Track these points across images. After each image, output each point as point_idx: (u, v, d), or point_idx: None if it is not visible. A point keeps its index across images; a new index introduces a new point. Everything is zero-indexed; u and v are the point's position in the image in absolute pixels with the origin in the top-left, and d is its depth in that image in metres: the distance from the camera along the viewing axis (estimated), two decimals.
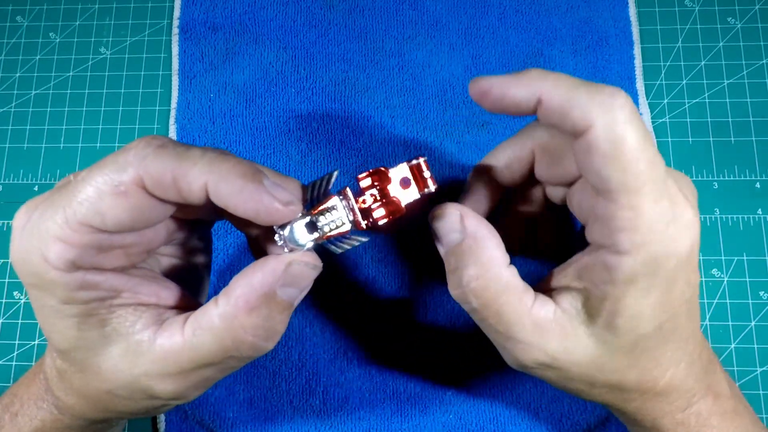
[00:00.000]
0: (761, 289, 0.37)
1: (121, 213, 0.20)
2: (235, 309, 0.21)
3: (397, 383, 0.35)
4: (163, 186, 0.20)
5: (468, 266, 0.23)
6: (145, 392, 0.22)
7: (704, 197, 0.38)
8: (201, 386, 0.23)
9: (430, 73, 0.39)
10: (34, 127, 0.41)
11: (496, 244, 0.23)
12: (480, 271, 0.22)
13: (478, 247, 0.23)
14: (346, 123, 0.38)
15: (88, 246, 0.20)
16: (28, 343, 0.37)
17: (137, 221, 0.21)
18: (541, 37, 0.40)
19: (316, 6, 0.41)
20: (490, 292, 0.22)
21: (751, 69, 0.40)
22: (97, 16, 0.43)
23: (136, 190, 0.20)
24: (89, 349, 0.21)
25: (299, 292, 0.22)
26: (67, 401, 0.24)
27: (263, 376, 0.35)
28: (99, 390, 0.22)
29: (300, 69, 0.40)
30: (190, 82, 0.40)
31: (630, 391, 0.24)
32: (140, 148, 0.20)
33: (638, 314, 0.21)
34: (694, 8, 0.41)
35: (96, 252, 0.21)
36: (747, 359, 0.36)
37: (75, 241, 0.20)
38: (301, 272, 0.22)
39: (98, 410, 0.24)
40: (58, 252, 0.20)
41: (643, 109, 0.39)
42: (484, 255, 0.22)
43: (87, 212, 0.20)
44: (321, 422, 0.35)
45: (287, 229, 0.22)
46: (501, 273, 0.22)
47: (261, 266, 0.22)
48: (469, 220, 0.23)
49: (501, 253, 0.23)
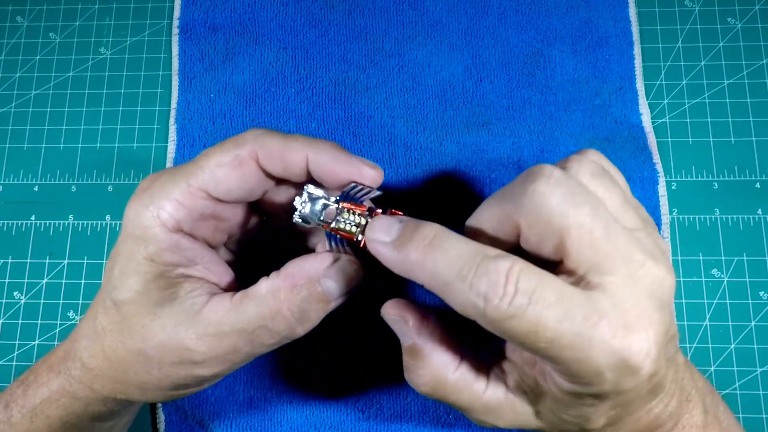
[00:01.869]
0: (761, 289, 0.37)
1: (233, 182, 0.24)
2: (281, 283, 0.23)
3: (397, 383, 0.35)
4: (272, 158, 0.24)
5: (417, 369, 0.24)
6: (177, 352, 0.23)
7: (704, 197, 0.38)
8: (228, 359, 0.24)
9: (430, 73, 0.39)
10: (34, 127, 0.41)
11: (445, 349, 0.24)
12: (428, 377, 0.24)
13: (424, 354, 0.24)
14: (346, 123, 0.38)
15: (196, 211, 0.24)
16: (28, 343, 0.37)
17: (243, 190, 0.24)
18: (541, 37, 0.40)
19: (316, 6, 0.41)
20: (440, 393, 0.24)
21: (751, 69, 0.40)
22: (97, 16, 0.43)
23: (250, 162, 0.24)
24: (143, 306, 0.23)
25: (338, 290, 0.24)
26: (88, 363, 0.25)
27: (263, 376, 0.35)
28: (130, 349, 0.24)
29: (300, 69, 0.40)
30: (190, 83, 0.40)
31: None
32: (255, 131, 0.24)
33: (585, 416, 0.22)
34: (694, 8, 0.41)
35: (198, 219, 0.24)
36: (747, 359, 0.36)
37: (189, 203, 0.23)
38: (344, 269, 0.24)
39: (116, 377, 0.24)
40: (172, 211, 0.23)
41: (643, 109, 0.39)
42: (431, 361, 0.24)
43: (207, 178, 0.23)
44: (321, 422, 0.35)
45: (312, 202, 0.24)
46: (447, 379, 0.24)
47: (314, 256, 0.24)
48: (413, 325, 0.24)
49: (448, 359, 0.24)
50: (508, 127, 0.38)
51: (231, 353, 0.24)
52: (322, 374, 0.35)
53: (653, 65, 0.40)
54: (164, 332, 0.23)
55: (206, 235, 0.25)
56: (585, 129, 0.38)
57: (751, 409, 0.35)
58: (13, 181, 0.40)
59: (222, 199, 0.24)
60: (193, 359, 0.23)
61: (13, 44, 0.42)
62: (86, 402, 0.26)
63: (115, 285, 0.24)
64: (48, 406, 0.26)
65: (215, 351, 0.23)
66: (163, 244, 0.23)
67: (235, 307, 0.23)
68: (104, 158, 0.40)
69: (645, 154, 0.38)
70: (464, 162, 0.37)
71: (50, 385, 0.26)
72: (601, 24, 0.40)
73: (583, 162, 0.22)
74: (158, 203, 0.23)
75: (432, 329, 0.24)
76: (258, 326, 0.23)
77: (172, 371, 0.24)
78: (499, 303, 0.19)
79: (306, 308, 0.24)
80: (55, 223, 0.39)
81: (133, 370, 0.24)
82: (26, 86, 0.42)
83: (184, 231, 0.24)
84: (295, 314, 0.23)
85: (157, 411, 0.35)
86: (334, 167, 0.24)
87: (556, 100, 0.39)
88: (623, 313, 0.20)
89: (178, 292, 0.24)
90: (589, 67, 0.39)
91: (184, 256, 0.24)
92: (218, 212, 0.25)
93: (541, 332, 0.19)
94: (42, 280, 0.38)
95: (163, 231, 0.23)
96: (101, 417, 0.27)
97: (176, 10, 0.41)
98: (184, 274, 0.24)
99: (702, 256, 0.37)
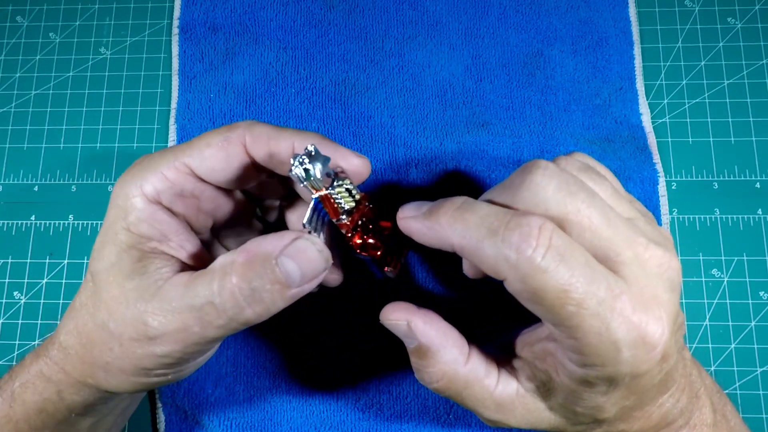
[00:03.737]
0: (761, 289, 0.37)
1: (217, 162, 0.24)
2: (236, 257, 0.22)
3: (397, 384, 0.35)
4: (260, 144, 0.24)
5: (427, 368, 0.24)
6: (135, 326, 0.23)
7: (704, 197, 0.38)
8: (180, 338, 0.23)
9: (430, 74, 0.39)
10: (34, 127, 0.41)
11: (452, 344, 0.24)
12: (439, 374, 0.24)
13: (433, 352, 0.24)
14: (346, 123, 0.38)
15: (177, 185, 0.24)
16: (28, 343, 0.37)
17: (226, 172, 0.25)
18: (541, 37, 0.40)
19: (316, 6, 0.41)
20: (452, 390, 0.24)
21: (751, 69, 0.40)
22: (97, 16, 0.43)
23: (237, 145, 0.24)
24: (114, 277, 0.24)
25: (298, 274, 0.22)
26: (64, 342, 0.25)
27: (263, 376, 0.35)
28: (97, 323, 0.24)
29: (300, 69, 0.40)
30: (190, 83, 0.40)
31: None
32: (248, 121, 0.25)
33: (598, 406, 0.22)
34: (694, 8, 0.41)
35: (178, 194, 0.25)
36: (747, 359, 0.36)
37: (171, 177, 0.24)
38: (305, 249, 0.23)
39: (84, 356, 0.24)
40: (154, 182, 0.24)
41: (643, 109, 0.39)
42: (440, 358, 0.24)
43: (192, 155, 0.24)
44: (321, 422, 0.35)
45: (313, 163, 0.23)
46: (458, 372, 0.24)
47: (277, 233, 0.23)
48: (418, 327, 0.24)
49: (457, 353, 0.24)
50: (508, 127, 0.38)
51: (182, 331, 0.23)
52: (322, 374, 0.35)
53: (653, 65, 0.40)
54: (126, 306, 0.23)
55: (187, 214, 0.25)
56: (585, 129, 0.38)
57: (751, 409, 0.35)
58: (13, 181, 0.40)
59: (205, 179, 0.25)
60: (149, 334, 0.23)
61: (13, 44, 0.42)
62: (58, 386, 0.25)
63: (93, 256, 0.24)
64: (25, 391, 0.26)
65: (166, 327, 0.22)
66: (141, 214, 0.24)
67: (189, 282, 0.23)
68: (104, 158, 0.40)
69: (645, 154, 0.38)
70: (464, 162, 0.37)
71: (30, 368, 0.26)
72: (601, 24, 0.40)
73: (570, 159, 0.23)
74: (143, 174, 0.24)
75: (437, 327, 0.24)
76: (206, 302, 0.22)
77: (130, 349, 0.23)
78: (532, 254, 0.19)
79: (258, 287, 0.22)
80: (55, 223, 0.39)
81: (98, 347, 0.24)
82: (26, 86, 0.42)
83: (162, 204, 0.24)
84: (244, 292, 0.22)
85: (157, 411, 0.35)
86: None
87: (556, 100, 0.39)
88: (639, 292, 0.20)
89: (148, 267, 0.24)
90: (589, 67, 0.39)
91: (158, 230, 0.24)
92: (200, 192, 0.25)
93: (572, 293, 0.19)
94: (42, 280, 0.38)
95: (142, 201, 0.24)
96: (77, 408, 0.26)
97: (176, 10, 0.41)
98: (157, 249, 0.24)
99: (702, 256, 0.37)
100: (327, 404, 0.35)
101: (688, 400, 0.24)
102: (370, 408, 0.35)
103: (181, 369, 0.25)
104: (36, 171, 0.40)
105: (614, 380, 0.21)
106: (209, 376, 0.35)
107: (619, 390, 0.21)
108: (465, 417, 0.35)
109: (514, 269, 0.19)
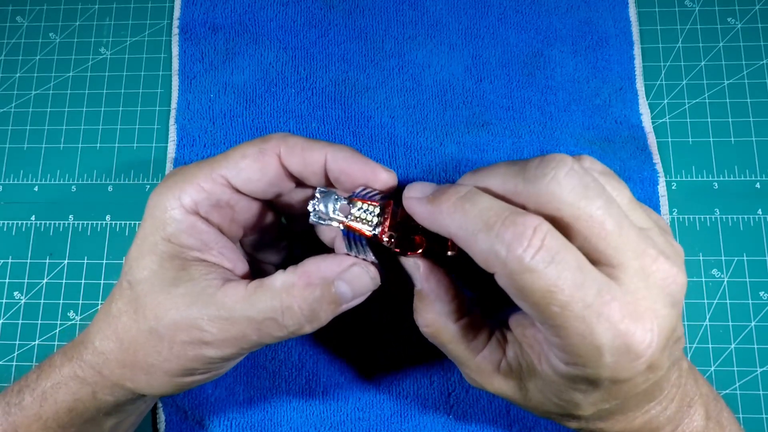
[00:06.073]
0: (761, 290, 0.37)
1: (254, 172, 0.25)
2: (297, 279, 0.24)
3: (397, 383, 0.35)
4: (294, 154, 0.25)
5: (422, 312, 0.26)
6: (188, 331, 0.24)
7: (704, 197, 0.38)
8: (237, 344, 0.24)
9: (430, 74, 0.39)
10: (34, 127, 0.41)
11: (450, 299, 0.25)
12: (430, 321, 0.25)
13: (431, 299, 0.25)
14: (346, 123, 0.38)
15: (214, 196, 0.25)
16: (28, 344, 0.37)
17: (262, 183, 0.25)
18: (541, 37, 0.40)
19: (316, 6, 0.41)
20: (438, 339, 0.26)
21: (751, 69, 0.40)
22: (97, 17, 0.43)
23: (272, 156, 0.25)
24: (158, 284, 0.24)
25: (351, 295, 0.25)
26: (99, 347, 0.25)
27: (263, 376, 0.35)
28: (143, 328, 0.24)
29: (300, 69, 0.40)
30: (190, 83, 0.40)
31: None
32: (281, 133, 0.26)
33: (575, 402, 0.23)
34: (694, 8, 0.41)
35: (215, 205, 0.25)
36: (747, 359, 0.36)
37: (208, 187, 0.25)
38: (360, 275, 0.25)
39: (125, 360, 0.25)
40: (191, 193, 0.24)
41: (643, 109, 0.39)
42: (435, 307, 0.25)
43: (228, 166, 0.25)
44: (321, 422, 0.35)
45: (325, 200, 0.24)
46: (447, 326, 0.25)
47: (333, 257, 0.25)
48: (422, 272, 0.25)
49: (453, 307, 0.25)
50: (508, 127, 0.38)
51: (240, 339, 0.24)
52: (322, 374, 0.35)
53: (653, 65, 0.40)
54: (177, 311, 0.24)
55: (222, 224, 0.26)
56: (585, 129, 0.38)
57: (751, 409, 0.35)
58: (13, 181, 0.40)
59: (241, 190, 0.25)
60: (204, 339, 0.24)
61: (13, 44, 0.42)
62: (94, 388, 0.26)
63: (131, 266, 0.25)
64: (57, 390, 0.26)
65: (225, 334, 0.24)
66: (180, 225, 0.24)
67: (249, 295, 0.24)
68: (104, 158, 0.40)
69: (645, 154, 0.38)
70: (464, 162, 0.37)
71: (62, 369, 0.26)
72: (601, 24, 0.40)
73: (594, 161, 0.23)
74: (182, 186, 0.25)
75: (439, 278, 0.25)
76: (268, 318, 0.24)
77: (181, 351, 0.24)
78: (522, 253, 0.19)
79: (317, 308, 0.24)
80: (55, 223, 0.39)
81: (143, 350, 0.24)
82: (26, 86, 0.42)
83: (200, 215, 0.25)
84: (305, 312, 0.24)
85: (157, 411, 0.35)
86: (351, 167, 0.25)
87: (556, 100, 0.39)
88: (634, 302, 0.20)
89: (193, 274, 0.25)
90: (589, 67, 0.39)
91: (200, 239, 0.25)
92: (235, 203, 0.26)
93: (558, 294, 0.19)
94: (42, 280, 0.38)
95: (181, 212, 0.24)
96: (107, 408, 0.27)
97: (176, 10, 0.41)
98: (199, 257, 0.25)
99: (702, 256, 0.37)
100: (327, 404, 0.35)
101: (677, 408, 0.24)
102: (370, 408, 0.35)
103: (222, 368, 0.27)
104: (36, 171, 0.40)
105: (594, 382, 0.21)
106: None
107: (598, 392, 0.22)
108: (465, 417, 0.35)
109: (503, 265, 0.20)
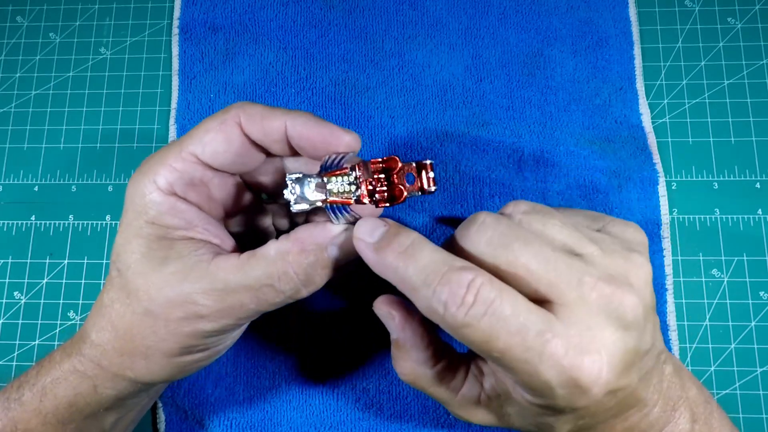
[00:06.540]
0: (761, 289, 0.37)
1: (218, 144, 0.25)
2: (291, 246, 0.25)
3: (397, 383, 0.35)
4: (254, 122, 0.25)
5: (400, 361, 0.26)
6: (183, 307, 0.24)
7: (704, 197, 0.38)
8: (233, 314, 0.25)
9: (430, 74, 0.39)
10: (34, 127, 0.41)
11: (424, 347, 0.25)
12: (408, 370, 0.26)
13: (408, 348, 0.26)
14: (345, 123, 0.38)
15: (187, 174, 0.25)
16: (28, 344, 0.37)
17: (228, 154, 0.25)
18: (541, 37, 0.40)
19: (316, 6, 0.41)
20: (418, 385, 0.26)
21: (751, 69, 0.40)
22: (97, 16, 0.43)
23: (233, 126, 0.25)
24: (148, 265, 0.24)
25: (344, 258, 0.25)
26: (96, 339, 0.26)
27: (263, 376, 0.35)
28: (137, 311, 0.24)
29: (300, 69, 0.40)
30: (190, 83, 0.40)
31: None
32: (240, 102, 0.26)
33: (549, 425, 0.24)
34: (694, 8, 0.41)
35: (189, 183, 0.25)
36: (747, 359, 0.36)
37: (179, 167, 0.25)
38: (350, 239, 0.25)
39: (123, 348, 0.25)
40: (165, 174, 0.25)
41: (643, 109, 0.39)
42: (412, 355, 0.26)
43: (194, 143, 0.25)
44: (321, 422, 0.35)
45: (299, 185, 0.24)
46: (426, 373, 0.26)
47: (324, 224, 0.26)
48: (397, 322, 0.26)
49: (429, 353, 0.25)
50: (508, 127, 0.38)
51: (237, 308, 0.24)
52: (322, 374, 0.35)
53: (653, 65, 0.40)
54: (170, 288, 0.24)
55: (200, 202, 0.26)
56: (585, 129, 0.38)
57: (751, 409, 0.35)
58: (13, 181, 0.40)
59: (211, 164, 0.25)
60: (199, 313, 0.24)
61: (13, 44, 0.42)
62: (94, 381, 0.26)
63: (119, 253, 0.25)
64: (57, 385, 0.26)
65: (220, 305, 0.24)
66: (161, 207, 0.25)
67: (242, 265, 0.24)
68: (104, 158, 0.40)
69: (645, 154, 0.38)
70: (464, 162, 0.37)
71: (62, 365, 0.27)
72: (601, 24, 0.40)
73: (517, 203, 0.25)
74: (155, 170, 0.25)
75: (414, 328, 0.26)
76: (264, 284, 0.24)
77: (177, 328, 0.24)
78: (456, 311, 0.20)
79: (311, 273, 0.25)
80: (55, 223, 0.39)
81: (139, 334, 0.25)
82: (26, 86, 0.42)
83: (177, 195, 0.25)
84: (300, 277, 0.24)
85: (157, 411, 0.35)
86: (311, 131, 0.25)
87: (556, 100, 0.39)
88: (578, 334, 0.21)
89: (182, 251, 0.25)
90: (589, 67, 0.39)
91: (183, 218, 0.25)
92: (208, 180, 0.26)
93: (493, 343, 0.20)
94: (42, 280, 0.38)
95: (159, 194, 0.25)
96: (109, 402, 0.27)
97: (176, 10, 0.41)
98: (186, 236, 0.25)
99: (702, 256, 0.37)
100: (327, 404, 0.35)
101: (660, 412, 0.24)
102: (370, 408, 0.35)
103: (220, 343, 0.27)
104: (36, 171, 0.40)
105: (558, 410, 0.22)
106: (209, 376, 0.35)
107: (567, 415, 0.22)
108: None
109: (443, 321, 0.21)
